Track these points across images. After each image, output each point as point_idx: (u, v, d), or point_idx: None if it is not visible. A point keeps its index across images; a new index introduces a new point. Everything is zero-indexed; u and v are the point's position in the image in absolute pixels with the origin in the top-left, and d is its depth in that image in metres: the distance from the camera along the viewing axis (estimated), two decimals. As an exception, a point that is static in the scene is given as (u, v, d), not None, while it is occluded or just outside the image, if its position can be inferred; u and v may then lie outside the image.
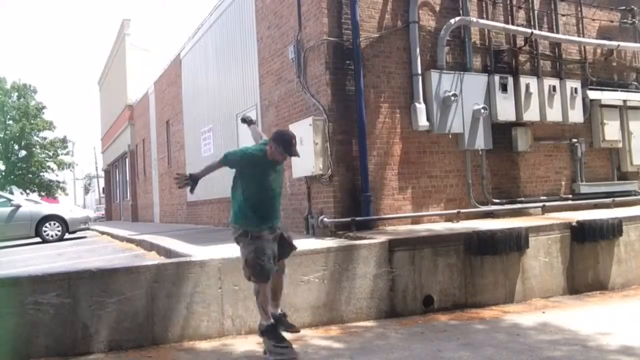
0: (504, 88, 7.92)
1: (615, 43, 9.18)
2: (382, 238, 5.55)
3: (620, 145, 9.24)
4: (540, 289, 6.13)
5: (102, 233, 14.00)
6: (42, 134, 36.23)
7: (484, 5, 8.16)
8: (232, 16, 10.44)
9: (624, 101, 9.24)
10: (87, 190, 62.30)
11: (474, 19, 7.82)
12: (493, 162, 8.00)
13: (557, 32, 8.72)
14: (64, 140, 37.43)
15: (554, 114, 8.38)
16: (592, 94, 8.91)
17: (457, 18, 7.63)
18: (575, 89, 8.60)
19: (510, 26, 8.21)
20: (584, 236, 6.41)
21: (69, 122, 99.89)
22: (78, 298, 4.37)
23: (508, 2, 8.42)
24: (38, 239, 12.15)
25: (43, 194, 35.28)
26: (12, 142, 34.64)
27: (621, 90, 9.35)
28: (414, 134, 7.36)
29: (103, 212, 31.09)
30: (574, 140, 8.74)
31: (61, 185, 37.66)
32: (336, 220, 6.61)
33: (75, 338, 4.35)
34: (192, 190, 4.05)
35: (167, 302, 4.58)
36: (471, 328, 4.86)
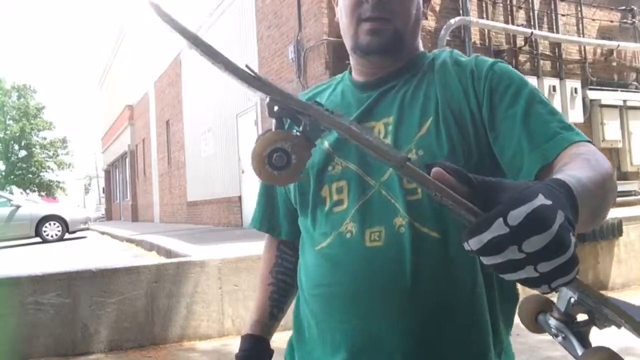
0: (504, 88, 7.91)
1: (615, 43, 9.18)
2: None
3: (620, 145, 9.23)
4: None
5: (102, 233, 14.00)
6: (42, 134, 36.31)
7: (484, 5, 8.16)
8: (232, 16, 10.44)
9: (624, 101, 9.24)
10: (87, 190, 62.32)
11: (474, 19, 7.82)
12: (493, 162, 8.00)
13: (557, 32, 8.72)
14: (63, 140, 37.48)
15: (554, 114, 8.37)
16: (592, 94, 8.91)
17: (457, 18, 7.63)
18: (575, 89, 8.60)
19: (510, 26, 8.22)
20: (583, 236, 6.39)
21: (69, 122, 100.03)
22: (78, 298, 4.37)
23: (508, 2, 8.42)
24: (38, 239, 12.15)
25: (43, 194, 35.33)
26: (12, 142, 34.68)
27: (621, 90, 9.34)
28: (414, 134, 7.36)
29: (103, 212, 31.11)
30: (574, 140, 8.73)
31: (61, 185, 37.71)
32: (336, 220, 6.59)
33: (75, 338, 4.35)
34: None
35: (167, 302, 4.58)
36: (471, 328, 4.85)
